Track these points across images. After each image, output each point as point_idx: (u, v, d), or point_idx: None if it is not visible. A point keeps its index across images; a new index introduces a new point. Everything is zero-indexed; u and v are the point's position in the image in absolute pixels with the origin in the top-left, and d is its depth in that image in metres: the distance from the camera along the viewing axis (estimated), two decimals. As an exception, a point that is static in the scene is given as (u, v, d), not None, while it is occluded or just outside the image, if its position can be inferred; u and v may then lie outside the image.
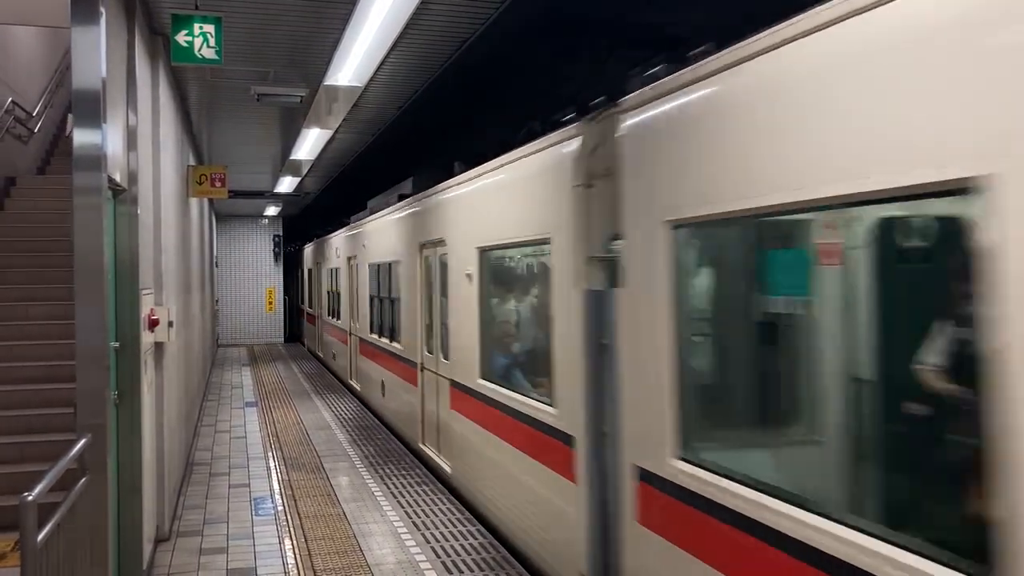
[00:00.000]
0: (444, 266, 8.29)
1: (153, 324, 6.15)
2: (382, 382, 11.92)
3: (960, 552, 2.43)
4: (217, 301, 23.87)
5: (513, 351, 7.06)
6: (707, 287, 4.32)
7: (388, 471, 8.98)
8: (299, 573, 5.96)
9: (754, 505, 3.26)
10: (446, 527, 6.98)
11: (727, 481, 3.49)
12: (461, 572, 5.94)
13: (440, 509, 7.50)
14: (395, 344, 10.96)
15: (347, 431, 11.34)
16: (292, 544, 6.60)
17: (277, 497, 8.02)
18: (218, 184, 10.85)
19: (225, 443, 10.68)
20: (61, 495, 3.66)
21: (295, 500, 7.88)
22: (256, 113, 10.47)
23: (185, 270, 9.92)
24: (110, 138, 4.66)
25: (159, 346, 6.70)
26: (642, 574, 4.28)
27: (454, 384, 7.94)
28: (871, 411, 3.24)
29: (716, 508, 3.52)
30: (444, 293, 8.35)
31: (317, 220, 25.05)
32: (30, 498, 2.97)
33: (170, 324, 6.65)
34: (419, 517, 7.26)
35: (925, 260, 3.19)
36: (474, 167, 7.35)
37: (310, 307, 22.58)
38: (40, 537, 3.06)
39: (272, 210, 23.99)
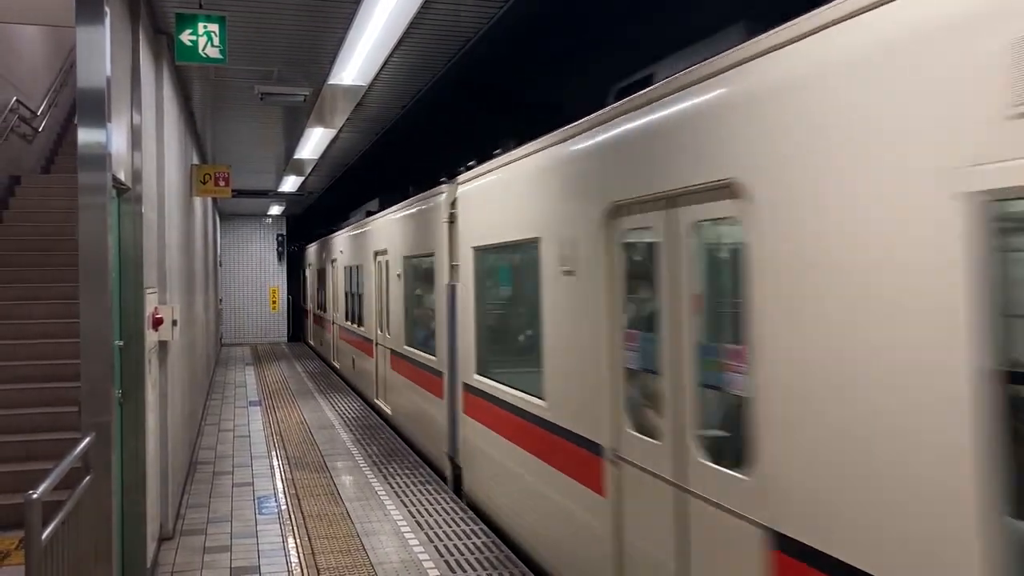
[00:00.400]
0: (387, 268, 11.97)
1: (157, 323, 6.16)
2: (351, 354, 15.80)
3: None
4: (221, 300, 23.90)
5: (421, 325, 10.24)
6: (489, 283, 7.59)
7: (391, 470, 8.98)
8: (303, 572, 5.97)
9: (507, 395, 6.55)
10: (449, 526, 6.98)
11: (497, 384, 6.87)
12: (464, 571, 5.95)
13: (443, 508, 7.51)
14: (361, 327, 14.51)
15: (350, 430, 11.35)
16: (296, 543, 6.61)
17: (281, 496, 8.03)
18: (222, 183, 10.86)
19: (229, 442, 10.70)
20: (65, 493, 3.67)
21: (299, 499, 7.89)
22: (260, 112, 10.48)
23: (189, 269, 9.93)
24: (114, 137, 4.66)
25: (163, 345, 6.71)
26: (467, 440, 7.86)
27: (392, 351, 11.58)
28: (537, 351, 5.85)
29: (492, 398, 6.95)
30: (386, 287, 12.05)
31: (320, 219, 25.08)
32: (35, 496, 2.98)
33: (174, 323, 6.67)
34: (422, 516, 7.27)
35: (533, 271, 5.96)
36: (405, 199, 10.87)
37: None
38: (45, 535, 3.06)
39: (276, 209, 24.01)
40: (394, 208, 11.38)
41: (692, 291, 3.95)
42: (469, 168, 7.87)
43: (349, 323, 15.95)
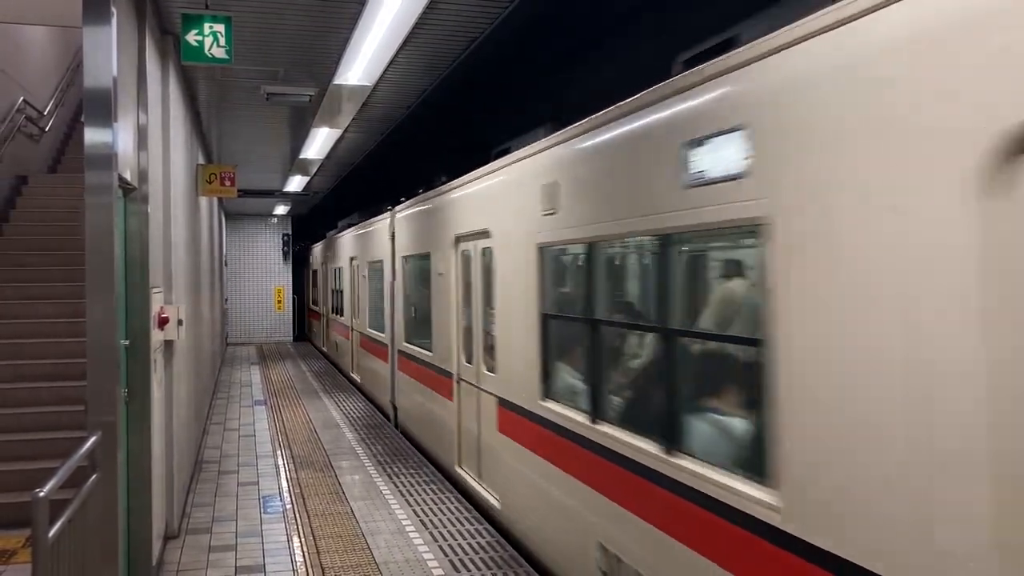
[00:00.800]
0: (357, 270, 15.64)
1: (163, 322, 6.18)
2: (335, 338, 19.49)
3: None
4: (227, 300, 23.93)
5: (378, 312, 13.35)
6: (410, 281, 10.84)
7: (396, 470, 9.00)
8: (307, 571, 5.98)
9: (416, 352, 10.16)
10: (453, 525, 6.99)
11: (413, 347, 10.38)
12: (468, 570, 5.96)
13: (448, 508, 7.52)
14: (342, 316, 18.02)
15: (355, 430, 11.37)
16: (300, 542, 6.63)
17: (286, 495, 8.05)
18: (228, 183, 10.88)
19: (234, 441, 10.73)
20: (71, 492, 3.69)
21: (303, 498, 7.91)
22: (266, 112, 10.50)
23: (195, 268, 9.95)
24: (121, 137, 4.68)
25: (169, 344, 6.73)
26: (399, 387, 11.51)
27: (361, 333, 15.26)
28: (429, 323, 9.38)
29: (410, 356, 10.48)
30: (358, 285, 15.59)
31: (326, 219, 25.10)
32: (41, 494, 2.99)
33: (180, 322, 6.68)
34: (427, 516, 7.28)
35: (428, 273, 9.53)
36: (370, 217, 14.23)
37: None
38: (51, 533, 3.08)
39: (281, 209, 24.04)
40: (359, 225, 15.36)
41: (482, 283, 7.50)
42: (401, 202, 11.48)
43: (334, 314, 19.74)
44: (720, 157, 3.56)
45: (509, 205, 6.52)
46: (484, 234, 7.20)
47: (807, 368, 2.98)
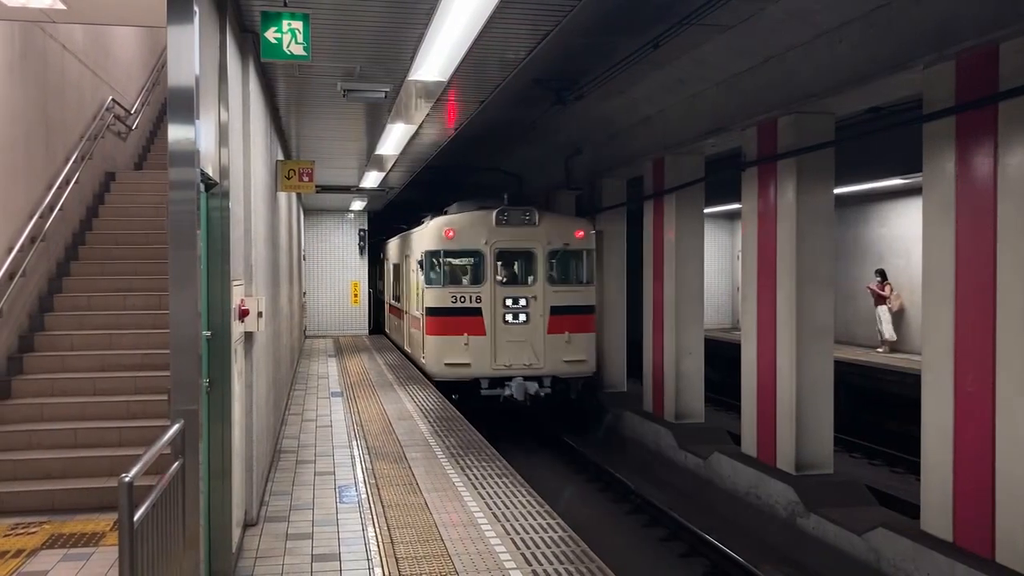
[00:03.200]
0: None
1: (243, 314, 6.30)
2: (404, 324, 22.51)
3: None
4: (305, 293, 24.40)
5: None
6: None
7: (468, 462, 9.05)
8: (382, 560, 6.06)
9: (412, 310, 19.28)
10: (526, 519, 7.00)
11: (411, 309, 18.94)
12: (540, 564, 5.95)
13: (520, 501, 7.53)
14: (399, 302, 22.05)
15: (429, 422, 11.48)
16: (375, 532, 6.71)
17: (361, 485, 8.16)
18: (306, 179, 11.08)
19: (311, 431, 10.93)
20: (155, 479, 3.79)
21: (378, 489, 8.01)
22: (342, 108, 10.63)
23: (274, 262, 10.16)
24: (203, 134, 4.78)
25: (249, 336, 6.86)
26: (410, 332, 19.24)
27: (402, 309, 20.56)
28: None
29: (406, 314, 19.90)
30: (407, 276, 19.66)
31: (400, 215, 25.39)
32: (127, 479, 3.08)
33: (259, 315, 6.81)
34: (499, 508, 7.30)
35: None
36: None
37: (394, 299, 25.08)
38: (137, 517, 3.16)
39: (357, 205, 24.40)
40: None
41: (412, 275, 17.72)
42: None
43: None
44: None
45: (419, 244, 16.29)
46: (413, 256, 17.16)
47: None
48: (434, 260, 15.49)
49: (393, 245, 22.91)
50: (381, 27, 7.20)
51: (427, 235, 15.85)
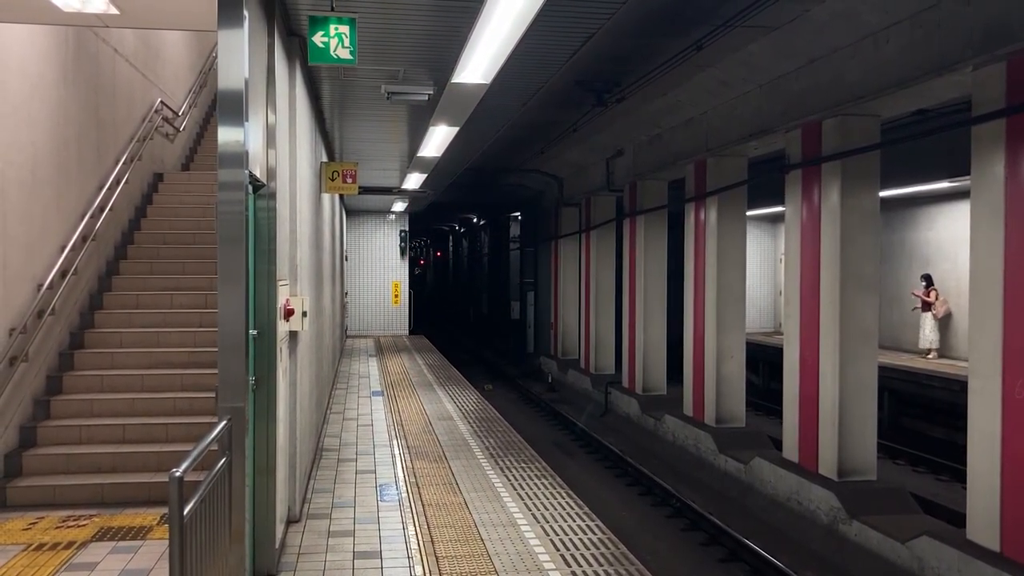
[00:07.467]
0: None
1: (288, 314, 6.39)
2: None
3: None
4: (346, 293, 24.65)
5: None
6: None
7: (508, 463, 9.08)
8: (422, 559, 6.11)
9: None
10: (566, 520, 7.01)
11: None
12: (580, 566, 5.96)
13: (560, 503, 7.54)
14: None
15: (469, 423, 11.53)
16: (415, 530, 6.77)
17: (401, 484, 8.23)
18: (349, 180, 11.19)
19: (353, 430, 11.04)
20: (202, 474, 3.87)
21: (418, 488, 8.07)
22: (386, 111, 10.73)
23: (318, 262, 10.28)
24: (251, 136, 4.87)
25: (293, 335, 6.96)
26: None
27: None
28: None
29: None
30: None
31: (441, 216, 25.53)
32: (178, 473, 3.15)
33: (304, 314, 6.90)
34: (539, 510, 7.32)
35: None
36: None
37: None
38: (186, 511, 3.24)
39: (399, 206, 24.60)
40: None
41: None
42: None
43: None
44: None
45: None
46: None
47: None
48: None
49: None
50: (425, 30, 7.26)
51: None
